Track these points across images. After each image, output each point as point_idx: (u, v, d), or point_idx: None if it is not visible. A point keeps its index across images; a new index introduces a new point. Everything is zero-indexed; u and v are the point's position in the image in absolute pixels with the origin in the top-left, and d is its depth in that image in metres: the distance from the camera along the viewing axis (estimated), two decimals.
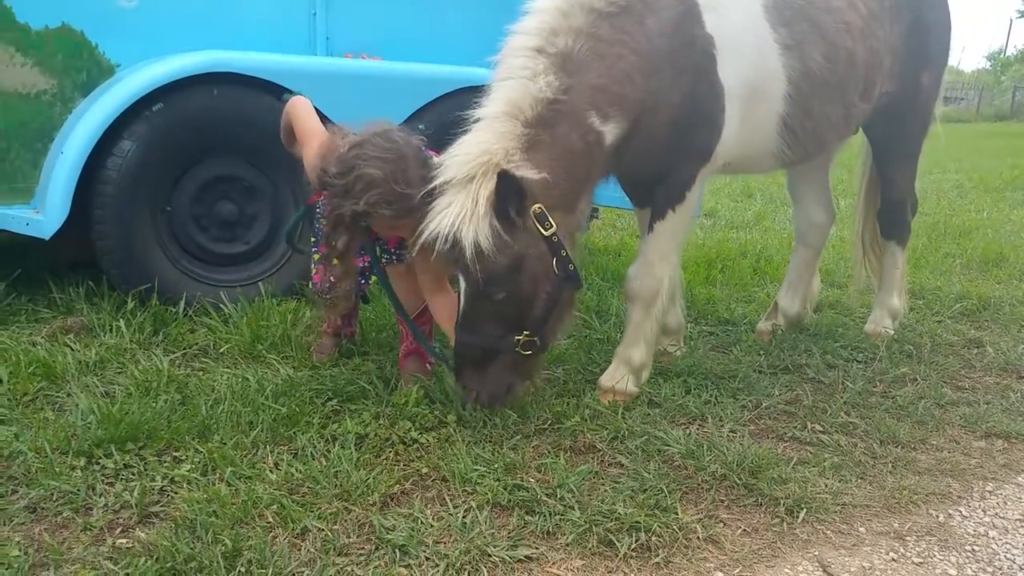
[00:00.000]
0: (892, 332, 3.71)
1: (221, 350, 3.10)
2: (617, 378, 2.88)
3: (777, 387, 3.07)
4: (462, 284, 2.44)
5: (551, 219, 2.40)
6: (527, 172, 2.32)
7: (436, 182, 2.35)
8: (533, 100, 2.41)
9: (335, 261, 2.59)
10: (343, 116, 3.66)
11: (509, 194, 2.30)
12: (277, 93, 3.53)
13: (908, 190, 3.67)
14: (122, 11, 3.56)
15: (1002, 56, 38.71)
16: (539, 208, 2.37)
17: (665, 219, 2.83)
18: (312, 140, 2.69)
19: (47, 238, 3.20)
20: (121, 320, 3.19)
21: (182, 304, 3.43)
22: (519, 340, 2.47)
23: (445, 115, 3.58)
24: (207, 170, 3.61)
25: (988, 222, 7.09)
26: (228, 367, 2.94)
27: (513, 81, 2.46)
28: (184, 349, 3.11)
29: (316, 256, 2.97)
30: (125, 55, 3.57)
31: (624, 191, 3.24)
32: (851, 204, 5.99)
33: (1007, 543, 2.20)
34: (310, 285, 2.99)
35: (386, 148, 2.48)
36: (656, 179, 2.85)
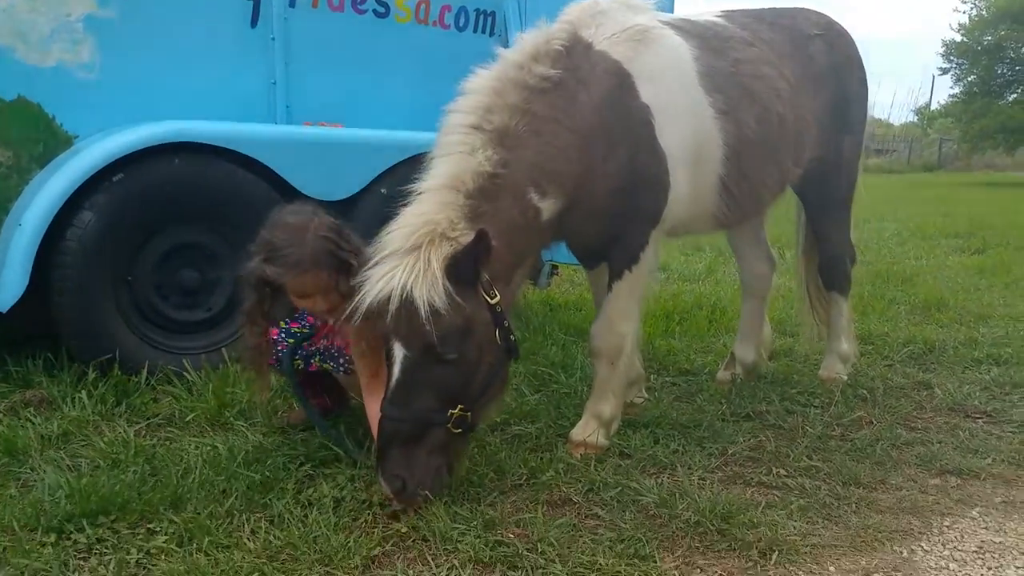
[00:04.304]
0: (845, 377, 3.85)
1: (187, 419, 3.06)
2: (588, 432, 2.94)
3: (741, 434, 3.15)
4: (397, 353, 2.31)
5: (495, 289, 2.40)
6: None
7: (378, 255, 2.31)
8: (474, 173, 2.42)
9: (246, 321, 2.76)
10: (306, 182, 3.75)
11: (481, 252, 2.28)
12: (237, 160, 3.60)
13: (844, 243, 3.86)
14: (80, 82, 3.51)
15: (927, 110, 40.82)
16: (485, 277, 2.37)
17: (623, 279, 2.90)
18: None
19: (3, 311, 3.15)
20: (83, 392, 3.13)
21: (144, 373, 3.38)
22: (452, 415, 2.34)
23: (406, 179, 3.65)
24: (169, 238, 3.60)
25: (927, 268, 7.43)
26: (195, 436, 2.90)
27: (452, 156, 2.47)
28: (148, 419, 3.06)
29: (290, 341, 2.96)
30: (83, 126, 3.54)
31: (574, 255, 3.29)
32: (794, 255, 6.24)
33: (966, 574, 2.28)
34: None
35: (296, 214, 2.69)
36: (606, 243, 2.90)
